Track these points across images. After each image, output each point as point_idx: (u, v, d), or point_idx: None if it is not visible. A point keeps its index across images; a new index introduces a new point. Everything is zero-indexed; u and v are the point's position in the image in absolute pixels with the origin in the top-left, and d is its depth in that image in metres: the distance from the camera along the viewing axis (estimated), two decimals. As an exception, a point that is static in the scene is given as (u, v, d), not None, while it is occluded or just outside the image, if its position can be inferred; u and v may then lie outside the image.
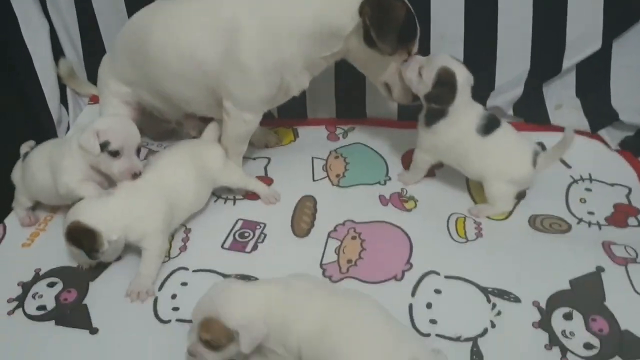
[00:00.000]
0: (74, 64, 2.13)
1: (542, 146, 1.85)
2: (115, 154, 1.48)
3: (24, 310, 1.44)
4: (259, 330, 1.15)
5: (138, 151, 1.53)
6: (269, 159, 1.92)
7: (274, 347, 1.19)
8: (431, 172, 1.80)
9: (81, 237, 1.41)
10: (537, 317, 1.35)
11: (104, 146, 1.46)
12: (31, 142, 1.73)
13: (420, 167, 1.75)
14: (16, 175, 1.69)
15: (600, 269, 1.45)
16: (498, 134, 1.62)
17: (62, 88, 2.10)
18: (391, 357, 1.10)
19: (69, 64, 2.09)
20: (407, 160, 1.85)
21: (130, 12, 1.89)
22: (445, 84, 1.56)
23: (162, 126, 1.99)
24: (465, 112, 1.61)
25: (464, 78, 1.58)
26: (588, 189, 1.76)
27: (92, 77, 2.09)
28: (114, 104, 1.81)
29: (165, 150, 1.73)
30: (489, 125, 1.61)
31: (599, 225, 1.63)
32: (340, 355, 1.11)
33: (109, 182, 1.57)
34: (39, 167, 1.60)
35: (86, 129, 1.48)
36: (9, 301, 1.46)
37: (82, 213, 1.43)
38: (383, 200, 1.73)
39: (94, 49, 2.09)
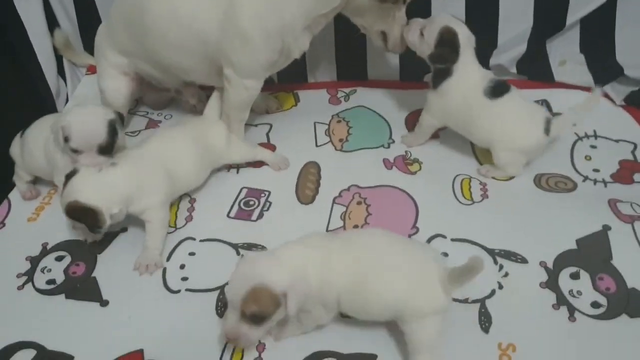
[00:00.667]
0: (70, 35, 2.10)
1: (548, 105, 1.85)
2: (74, 151, 1.45)
3: (33, 285, 1.45)
4: (303, 288, 1.15)
5: (103, 149, 1.46)
6: (271, 125, 1.91)
7: (311, 307, 1.21)
8: (435, 134, 1.79)
9: (81, 215, 1.40)
10: (544, 277, 1.36)
11: (66, 140, 1.44)
12: None
13: (426, 130, 1.74)
14: (15, 150, 1.68)
15: (606, 228, 1.46)
16: (507, 98, 1.59)
17: (59, 60, 2.07)
18: (417, 283, 1.16)
19: (64, 34, 2.06)
20: (411, 122, 1.85)
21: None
22: (447, 42, 1.56)
23: (161, 95, 1.98)
24: (471, 71, 1.59)
25: (465, 37, 1.57)
26: (593, 146, 1.75)
27: (88, 47, 2.07)
28: (112, 75, 1.79)
29: (168, 127, 1.72)
30: (498, 89, 1.59)
31: (605, 183, 1.63)
32: (375, 294, 1.18)
33: None
34: (36, 145, 1.60)
35: (56, 120, 1.47)
36: (18, 276, 1.47)
37: (79, 191, 1.40)
38: (387, 164, 1.72)
39: (88, 19, 2.06)
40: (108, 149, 1.47)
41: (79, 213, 1.40)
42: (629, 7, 1.84)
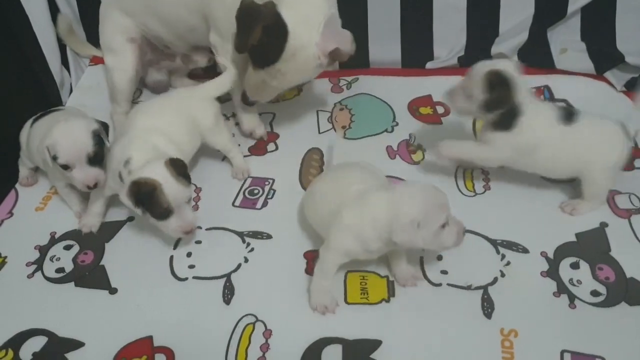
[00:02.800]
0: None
1: (549, 91, 1.87)
2: (65, 167, 1.44)
3: (43, 274, 1.47)
4: None
5: (92, 159, 1.44)
6: (274, 114, 1.92)
7: None
8: (437, 119, 1.80)
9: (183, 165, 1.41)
10: (545, 266, 1.39)
11: (54, 159, 1.43)
12: None
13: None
14: (23, 136, 1.68)
15: (604, 225, 1.48)
16: (582, 120, 1.46)
17: (62, 50, 2.06)
18: None
19: (67, 20, 2.03)
20: (413, 107, 1.84)
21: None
22: (497, 83, 1.40)
23: (162, 76, 1.97)
24: (538, 105, 1.46)
25: (511, 68, 1.42)
26: (594, 132, 1.76)
27: (91, 38, 2.06)
28: (118, 41, 1.77)
29: (160, 98, 1.72)
30: (568, 114, 1.46)
31: (605, 169, 1.64)
32: None
33: None
34: (35, 144, 1.57)
35: (41, 141, 1.45)
36: (28, 265, 1.49)
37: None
38: (391, 153, 1.73)
39: (90, 8, 2.03)
40: (97, 158, 1.45)
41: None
42: (630, -5, 1.85)
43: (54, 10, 2.02)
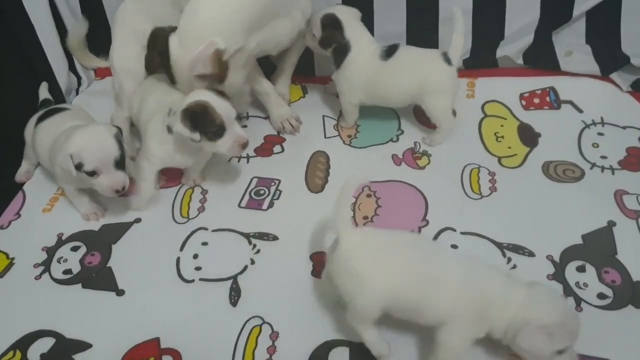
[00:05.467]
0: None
1: (555, 92, 1.87)
2: (92, 174, 1.45)
3: (50, 275, 1.48)
4: None
5: (118, 162, 1.47)
6: (279, 117, 1.91)
7: None
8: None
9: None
10: (551, 270, 1.38)
11: (79, 167, 1.43)
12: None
13: (350, 110, 1.81)
14: (28, 133, 1.69)
15: (611, 224, 1.47)
16: (400, 53, 1.69)
17: (70, 59, 2.07)
18: None
19: (82, 30, 1.95)
20: (418, 111, 1.83)
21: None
22: (328, 24, 1.69)
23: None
24: (367, 42, 1.71)
25: (344, 13, 1.70)
26: (600, 134, 1.76)
27: (92, 48, 2.03)
28: (135, 49, 1.72)
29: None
30: (390, 48, 1.70)
31: (612, 170, 1.63)
32: None
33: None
34: (42, 147, 1.60)
35: (62, 149, 1.45)
36: (35, 266, 1.50)
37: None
38: (396, 160, 1.72)
39: (94, 18, 2.02)
40: (122, 162, 1.48)
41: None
42: (634, -2, 1.84)
43: (58, 19, 2.03)
